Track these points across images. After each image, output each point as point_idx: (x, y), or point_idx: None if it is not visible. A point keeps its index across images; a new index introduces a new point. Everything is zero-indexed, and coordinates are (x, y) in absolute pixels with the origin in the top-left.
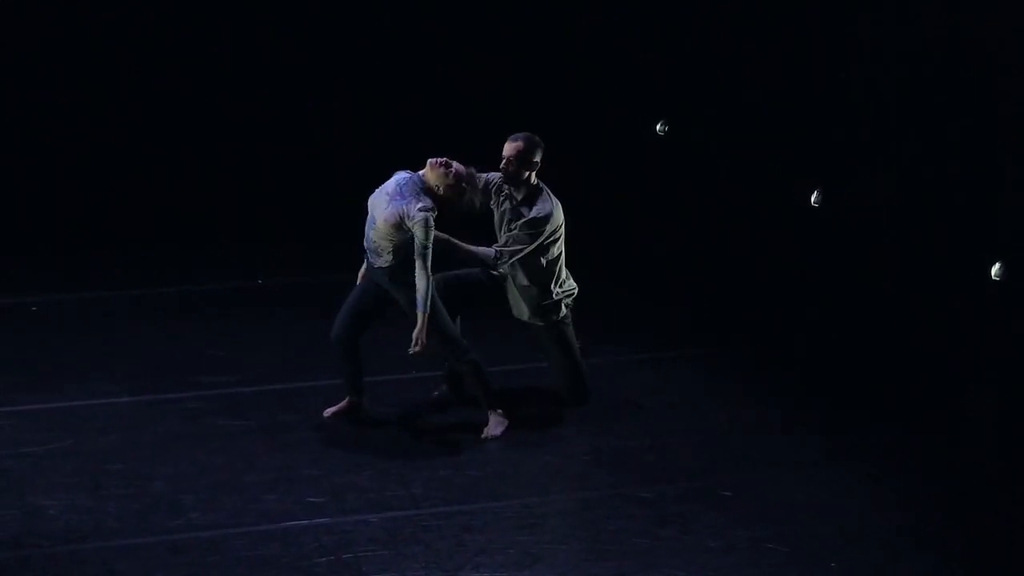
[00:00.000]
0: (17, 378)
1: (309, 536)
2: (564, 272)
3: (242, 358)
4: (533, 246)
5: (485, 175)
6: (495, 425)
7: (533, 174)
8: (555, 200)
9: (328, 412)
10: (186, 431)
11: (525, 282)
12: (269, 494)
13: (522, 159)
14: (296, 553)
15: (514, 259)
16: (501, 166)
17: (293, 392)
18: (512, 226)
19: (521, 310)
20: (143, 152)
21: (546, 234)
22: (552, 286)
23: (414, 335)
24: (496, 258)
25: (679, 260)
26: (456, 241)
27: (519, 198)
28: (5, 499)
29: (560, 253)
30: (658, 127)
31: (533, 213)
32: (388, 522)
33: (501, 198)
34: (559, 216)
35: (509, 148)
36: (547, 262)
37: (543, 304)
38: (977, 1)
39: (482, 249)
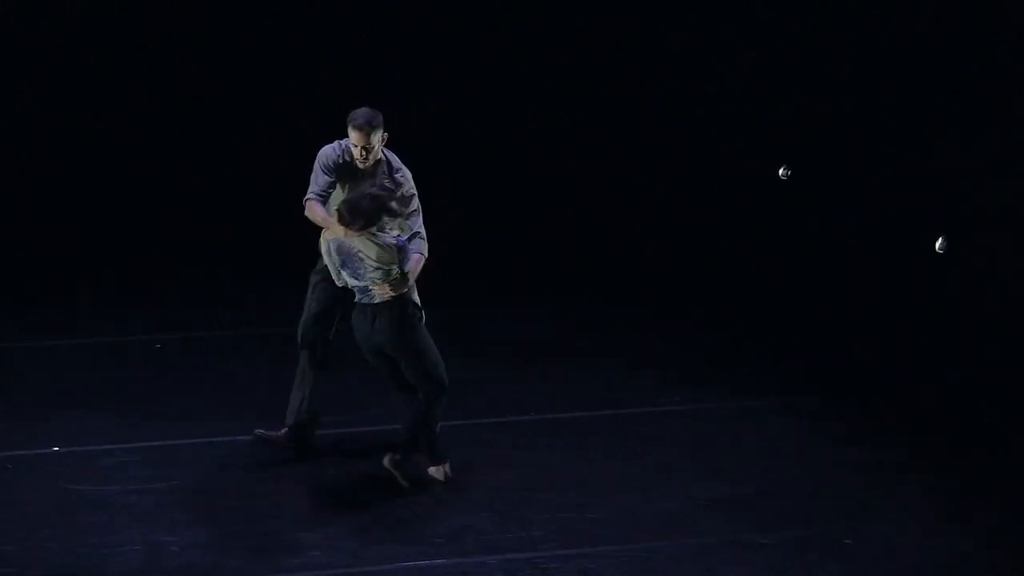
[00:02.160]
0: (143, 414)
1: None
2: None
3: (355, 400)
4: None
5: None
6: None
7: (386, 139)
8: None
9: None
10: (304, 471)
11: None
12: (387, 534)
13: (376, 138)
14: None
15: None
16: (361, 156)
17: (397, 433)
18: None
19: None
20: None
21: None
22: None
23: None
24: (423, 246)
25: (780, 308)
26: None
27: (377, 173)
28: (128, 534)
29: None
30: (781, 171)
31: (403, 180)
32: (506, 564)
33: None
34: None
35: (363, 136)
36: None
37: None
38: None
39: (414, 264)
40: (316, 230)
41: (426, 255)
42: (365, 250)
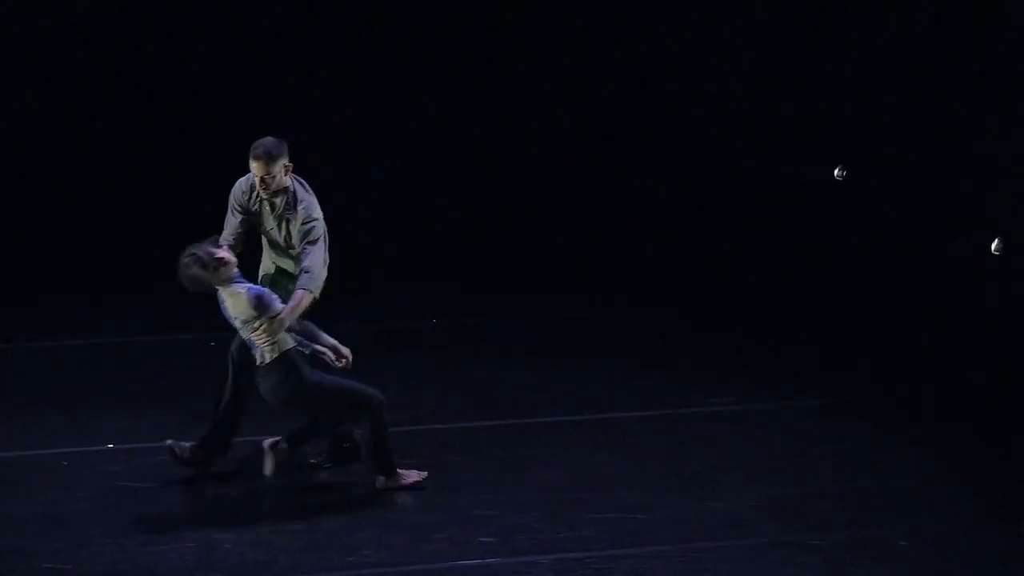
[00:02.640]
0: (197, 412)
1: None
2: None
3: (410, 397)
4: (323, 243)
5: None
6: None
7: (290, 170)
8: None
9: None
10: (356, 470)
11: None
12: (439, 533)
13: (276, 169)
14: None
15: (322, 270)
16: (263, 187)
17: (458, 432)
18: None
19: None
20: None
21: (322, 222)
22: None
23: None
24: (309, 282)
25: (832, 308)
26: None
27: (281, 206)
28: (183, 531)
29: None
30: (836, 172)
31: (303, 211)
32: (557, 563)
33: (262, 214)
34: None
35: (262, 166)
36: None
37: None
38: None
39: (295, 303)
40: None
41: (313, 290)
42: (227, 301)
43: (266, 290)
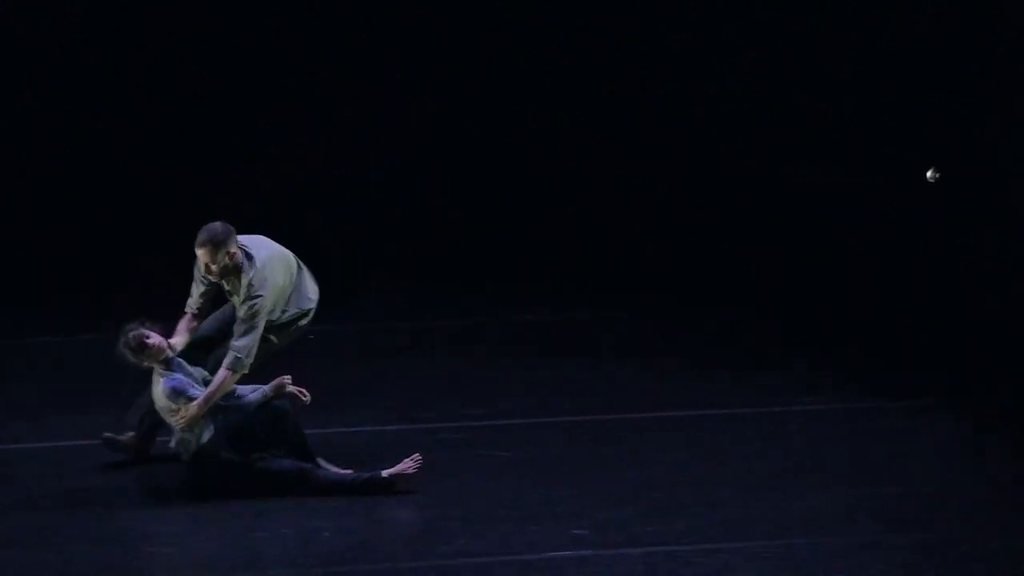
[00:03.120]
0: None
1: (572, 567)
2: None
3: (500, 392)
4: (261, 323)
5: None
6: None
7: (235, 256)
8: (264, 260)
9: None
10: (450, 460)
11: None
12: (533, 525)
13: (222, 257)
14: None
15: (253, 349)
16: (207, 273)
17: (552, 426)
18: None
19: None
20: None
21: (266, 299)
22: None
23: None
24: (235, 363)
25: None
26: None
27: (234, 284)
28: (282, 519)
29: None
30: (929, 174)
31: (246, 291)
32: (647, 556)
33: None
34: (274, 275)
35: (205, 253)
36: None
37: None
38: None
39: (215, 386)
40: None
41: (238, 371)
42: (153, 386)
43: (179, 379)
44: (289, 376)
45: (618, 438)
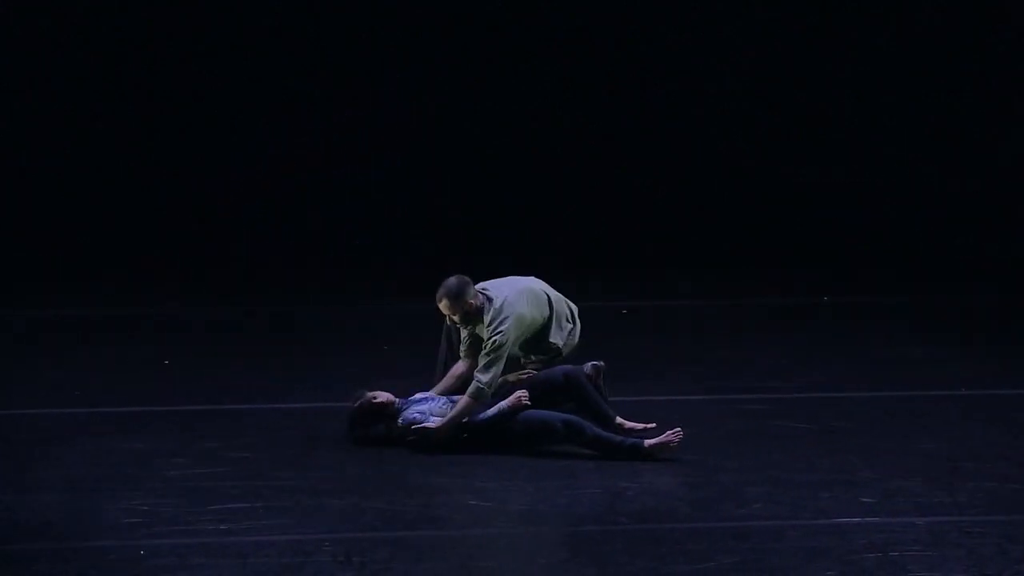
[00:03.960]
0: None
1: (860, 533)
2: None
3: (794, 366)
4: (504, 354)
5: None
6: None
7: (472, 305)
8: (504, 299)
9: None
10: (749, 430)
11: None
12: (825, 492)
13: (461, 306)
14: (847, 548)
15: (495, 377)
16: (452, 323)
17: (846, 400)
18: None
19: None
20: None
21: (508, 332)
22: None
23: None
24: (478, 393)
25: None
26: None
27: (475, 327)
28: (590, 478)
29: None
30: None
31: (490, 329)
32: (933, 525)
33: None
34: (514, 308)
35: (445, 307)
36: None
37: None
38: None
39: (456, 412)
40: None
41: (478, 399)
42: None
43: (412, 415)
44: (526, 393)
45: (913, 412)
